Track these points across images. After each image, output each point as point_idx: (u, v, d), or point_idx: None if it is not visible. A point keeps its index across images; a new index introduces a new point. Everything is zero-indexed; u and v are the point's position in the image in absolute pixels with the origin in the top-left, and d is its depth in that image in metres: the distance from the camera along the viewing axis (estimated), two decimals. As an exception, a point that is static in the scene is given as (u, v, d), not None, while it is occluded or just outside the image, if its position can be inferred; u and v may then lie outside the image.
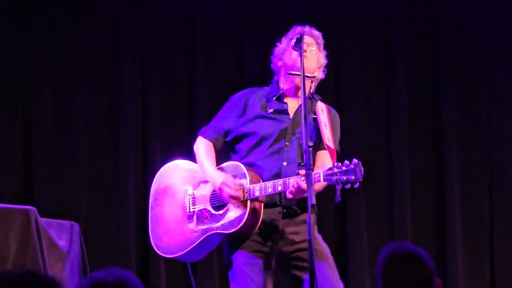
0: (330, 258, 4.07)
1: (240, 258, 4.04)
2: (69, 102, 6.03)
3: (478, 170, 6.46)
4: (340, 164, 3.77)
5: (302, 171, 3.78)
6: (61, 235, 5.07)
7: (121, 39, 6.11)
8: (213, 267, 6.01)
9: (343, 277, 6.04)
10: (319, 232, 4.12)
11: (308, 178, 3.65)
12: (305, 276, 3.98)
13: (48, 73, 6.00)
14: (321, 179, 3.79)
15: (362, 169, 3.74)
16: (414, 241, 6.20)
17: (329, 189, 3.97)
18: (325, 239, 4.14)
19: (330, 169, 3.78)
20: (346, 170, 3.74)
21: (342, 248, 6.21)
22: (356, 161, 3.75)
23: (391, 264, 2.53)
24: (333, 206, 6.21)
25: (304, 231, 3.88)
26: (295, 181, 3.84)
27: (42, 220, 4.87)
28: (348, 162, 3.75)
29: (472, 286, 6.37)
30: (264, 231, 4.03)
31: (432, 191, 6.44)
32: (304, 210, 4.00)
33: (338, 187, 3.73)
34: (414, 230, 6.33)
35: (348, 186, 3.74)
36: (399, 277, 2.52)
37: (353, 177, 3.73)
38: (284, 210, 4.05)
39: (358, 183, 3.74)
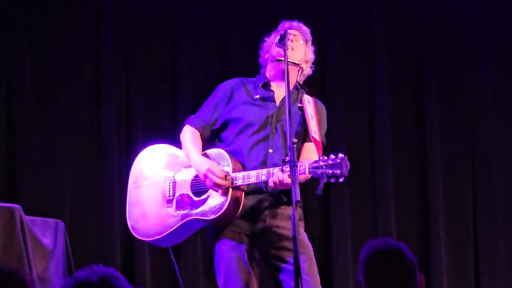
0: (314, 265, 4.05)
1: (225, 247, 4.02)
2: (52, 98, 6.02)
3: (461, 163, 6.48)
4: (326, 158, 3.77)
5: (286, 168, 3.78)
6: (46, 233, 5.06)
7: (103, 33, 6.10)
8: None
9: (328, 275, 6.11)
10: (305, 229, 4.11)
11: (293, 175, 3.66)
12: (284, 277, 4.00)
13: (30, 69, 5.98)
14: (306, 171, 3.79)
15: (348, 164, 3.75)
16: (397, 237, 6.22)
17: (312, 183, 3.95)
18: (309, 236, 4.14)
19: (316, 161, 3.78)
20: (332, 164, 3.74)
21: (326, 244, 6.22)
22: (342, 155, 3.75)
23: (373, 259, 2.53)
24: (317, 203, 6.22)
25: (289, 227, 3.85)
26: (279, 174, 3.83)
27: (27, 218, 4.85)
28: (334, 156, 3.76)
29: (456, 281, 6.41)
30: (250, 220, 4.02)
31: (415, 188, 6.45)
32: (290, 200, 3.97)
33: (323, 181, 3.73)
34: (398, 224, 6.35)
35: (333, 180, 3.75)
36: (381, 272, 2.52)
37: (338, 171, 3.73)
38: (271, 198, 4.04)
39: (343, 178, 3.75)
